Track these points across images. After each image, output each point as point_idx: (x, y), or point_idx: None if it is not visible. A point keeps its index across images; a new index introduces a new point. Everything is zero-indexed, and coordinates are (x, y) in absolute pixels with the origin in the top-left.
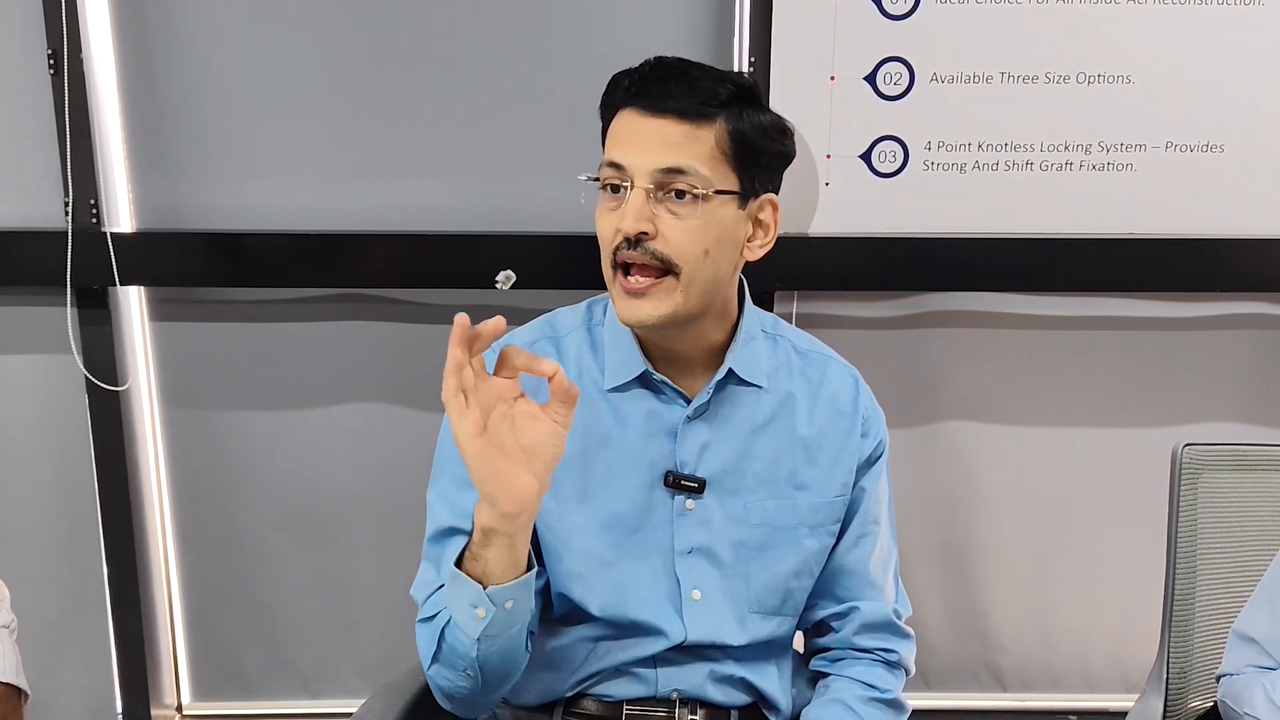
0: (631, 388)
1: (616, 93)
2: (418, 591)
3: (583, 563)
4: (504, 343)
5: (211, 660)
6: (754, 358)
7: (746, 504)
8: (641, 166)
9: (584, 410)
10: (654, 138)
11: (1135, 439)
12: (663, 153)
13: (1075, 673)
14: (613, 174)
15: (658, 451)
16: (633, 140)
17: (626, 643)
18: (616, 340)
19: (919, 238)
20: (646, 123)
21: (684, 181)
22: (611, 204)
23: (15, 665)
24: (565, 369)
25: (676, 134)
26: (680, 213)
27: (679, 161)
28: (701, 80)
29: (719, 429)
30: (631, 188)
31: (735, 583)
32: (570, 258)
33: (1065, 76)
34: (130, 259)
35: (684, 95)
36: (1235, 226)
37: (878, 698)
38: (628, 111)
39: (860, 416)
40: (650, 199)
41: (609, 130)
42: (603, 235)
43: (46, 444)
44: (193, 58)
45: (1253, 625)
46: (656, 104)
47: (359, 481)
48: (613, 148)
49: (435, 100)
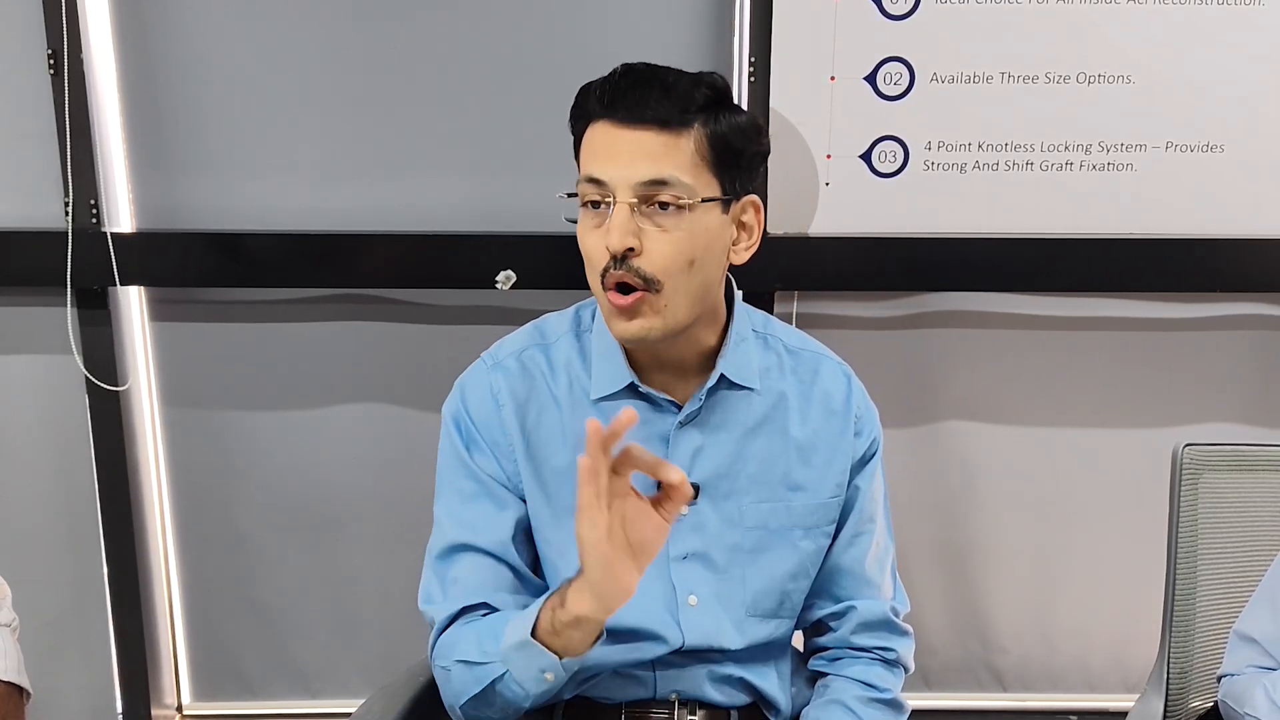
0: (621, 396)
1: (588, 104)
2: (430, 609)
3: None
4: (493, 351)
5: (211, 660)
6: (745, 360)
7: (741, 507)
8: (623, 180)
9: (576, 418)
10: (633, 149)
11: (1135, 439)
12: (644, 165)
13: (1075, 673)
14: (593, 190)
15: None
16: (611, 154)
17: (624, 648)
18: (604, 350)
19: (919, 238)
20: (624, 134)
21: (668, 193)
22: (595, 220)
23: (17, 664)
24: (556, 376)
25: (656, 144)
26: (665, 225)
27: (661, 173)
28: (675, 86)
29: (711, 433)
30: (615, 203)
31: (731, 586)
32: (570, 258)
33: (1065, 76)
34: (130, 259)
35: (660, 103)
36: (1235, 226)
37: (877, 698)
38: (602, 124)
39: (853, 415)
40: (635, 213)
41: (583, 144)
42: (590, 254)
43: (46, 444)
44: (193, 58)
45: (1254, 625)
46: (633, 114)
47: (359, 481)
48: (590, 162)
49: (435, 100)
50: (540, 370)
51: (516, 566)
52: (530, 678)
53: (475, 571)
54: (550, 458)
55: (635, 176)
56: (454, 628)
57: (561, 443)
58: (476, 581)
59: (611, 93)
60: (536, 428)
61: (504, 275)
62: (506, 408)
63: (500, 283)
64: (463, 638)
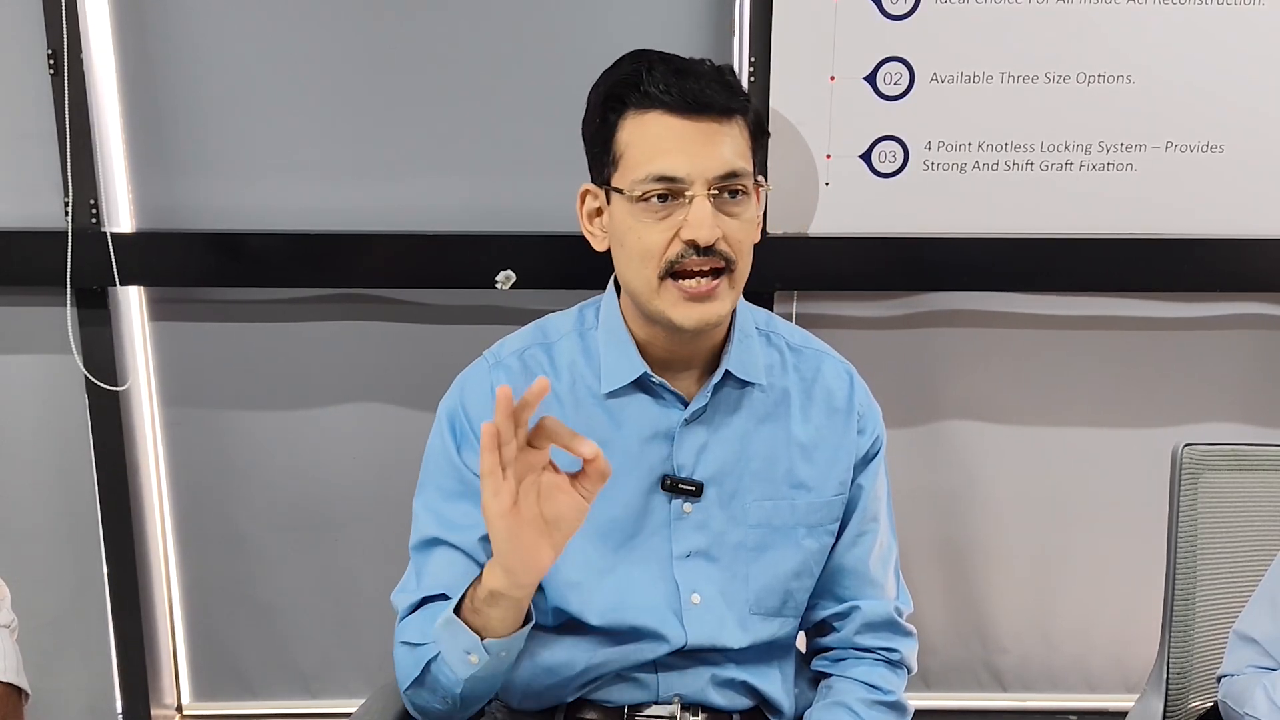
0: (627, 392)
1: (628, 95)
2: (399, 599)
3: (580, 571)
4: (494, 350)
5: (211, 660)
6: (750, 356)
7: (744, 505)
8: (700, 174)
9: (579, 416)
10: (704, 141)
11: (1135, 439)
12: (718, 157)
13: (1075, 673)
14: (662, 186)
15: (655, 455)
16: (681, 147)
17: (627, 649)
18: (612, 344)
19: (919, 238)
20: (689, 126)
21: (738, 182)
22: (660, 213)
23: (16, 665)
24: (559, 375)
25: (722, 134)
26: (734, 211)
27: (734, 164)
28: (717, 73)
29: (716, 430)
30: (694, 197)
31: (735, 585)
32: (570, 258)
33: (1065, 76)
34: (130, 259)
35: (718, 91)
36: (1235, 226)
37: (880, 700)
38: (658, 115)
39: (856, 413)
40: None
41: (631, 137)
42: (651, 246)
43: (46, 444)
44: (193, 58)
45: (1253, 625)
46: (696, 104)
47: (359, 481)
48: (656, 157)
49: (435, 100)
50: (542, 369)
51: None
52: (457, 659)
53: (446, 566)
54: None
55: (712, 170)
56: (411, 616)
57: None
58: (445, 576)
59: (664, 83)
60: None
61: (504, 275)
62: None
63: (500, 283)
64: (412, 623)
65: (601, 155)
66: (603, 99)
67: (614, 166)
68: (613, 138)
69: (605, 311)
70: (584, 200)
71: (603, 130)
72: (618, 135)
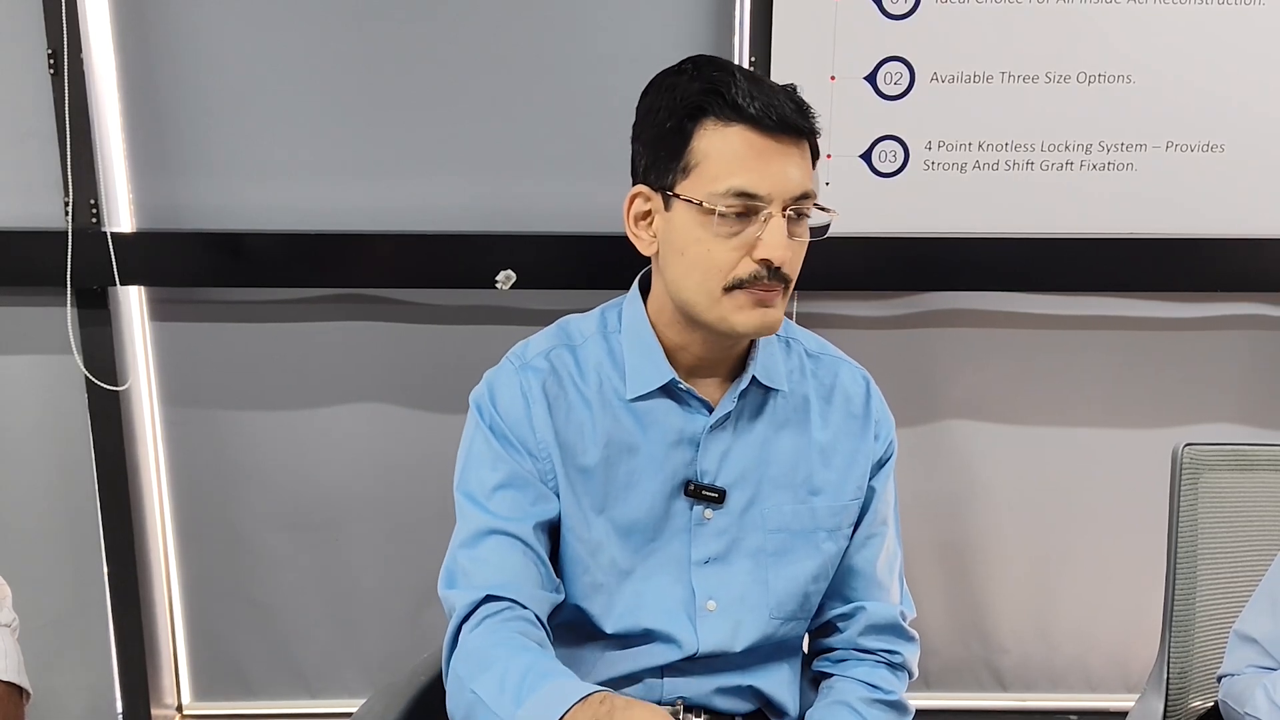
0: (654, 397)
1: (711, 103)
2: (454, 595)
3: (606, 573)
4: (518, 352)
5: (211, 660)
6: (773, 362)
7: (764, 510)
8: (780, 194)
9: (606, 419)
10: (785, 162)
11: (1135, 439)
12: (794, 179)
13: (1075, 673)
14: (741, 203)
15: (679, 460)
16: (764, 166)
17: (637, 652)
18: (638, 349)
19: (919, 238)
20: (772, 145)
21: (808, 205)
22: (733, 228)
23: (17, 664)
24: (585, 377)
25: (796, 155)
26: (798, 233)
27: (806, 186)
28: (789, 92)
29: (739, 436)
30: (772, 216)
31: (755, 590)
32: (570, 258)
33: (1065, 76)
34: (130, 259)
35: (795, 112)
36: (1235, 226)
37: (881, 699)
38: (743, 130)
39: (873, 419)
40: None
41: (707, 144)
42: (721, 262)
43: (46, 444)
44: (193, 58)
45: (1254, 625)
46: (779, 124)
47: (359, 481)
48: (740, 173)
49: (436, 101)
50: (569, 370)
51: (542, 557)
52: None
53: (503, 554)
54: (579, 456)
55: (790, 190)
56: (479, 630)
57: (591, 442)
58: (503, 565)
59: (751, 95)
60: (566, 426)
61: (504, 275)
62: (538, 405)
63: (500, 283)
64: (484, 659)
65: (668, 160)
66: (680, 103)
67: (684, 174)
68: (687, 145)
69: (629, 315)
70: (633, 202)
71: (675, 136)
72: (694, 143)
